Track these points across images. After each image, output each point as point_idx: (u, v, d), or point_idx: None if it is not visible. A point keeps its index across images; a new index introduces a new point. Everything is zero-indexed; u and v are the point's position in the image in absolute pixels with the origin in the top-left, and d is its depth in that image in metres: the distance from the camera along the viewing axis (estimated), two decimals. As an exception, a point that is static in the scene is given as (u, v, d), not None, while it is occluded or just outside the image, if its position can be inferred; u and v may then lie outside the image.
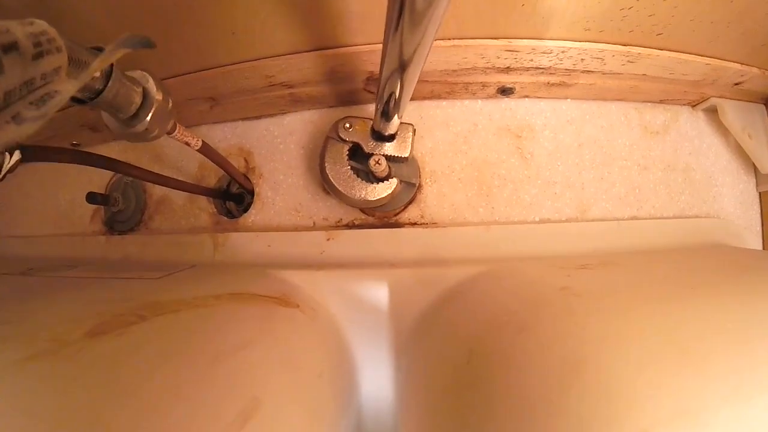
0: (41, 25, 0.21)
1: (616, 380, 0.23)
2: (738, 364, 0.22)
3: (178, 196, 0.58)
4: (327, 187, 0.45)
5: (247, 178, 0.54)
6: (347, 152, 0.45)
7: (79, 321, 0.28)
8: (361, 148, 0.44)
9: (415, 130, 0.44)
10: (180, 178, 0.47)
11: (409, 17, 0.22)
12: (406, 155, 0.44)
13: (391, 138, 0.44)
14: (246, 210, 0.55)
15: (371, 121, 0.43)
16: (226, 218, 0.56)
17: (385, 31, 0.25)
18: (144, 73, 0.32)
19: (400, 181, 0.45)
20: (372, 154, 0.44)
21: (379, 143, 0.44)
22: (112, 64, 0.28)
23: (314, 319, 0.39)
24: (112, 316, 0.28)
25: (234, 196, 0.58)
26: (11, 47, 0.18)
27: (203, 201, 0.57)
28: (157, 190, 0.60)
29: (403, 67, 0.28)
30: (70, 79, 0.23)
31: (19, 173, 0.42)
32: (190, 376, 0.24)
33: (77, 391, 0.22)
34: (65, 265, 0.54)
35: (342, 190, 0.44)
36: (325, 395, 0.34)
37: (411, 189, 0.48)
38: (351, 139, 0.44)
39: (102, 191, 0.63)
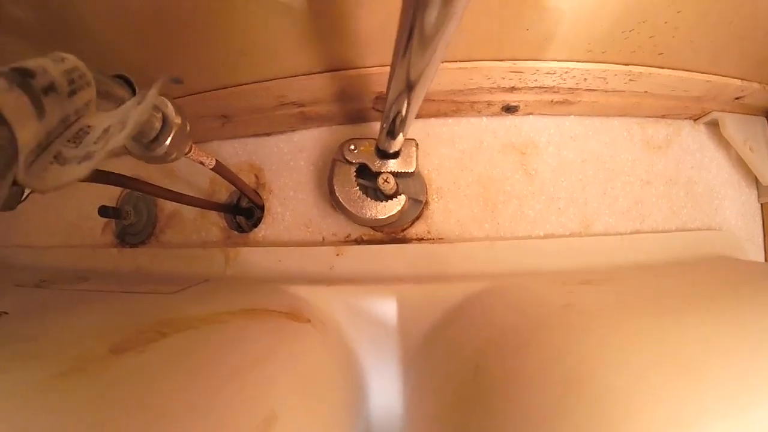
0: (72, 60, 0.22)
1: (613, 394, 0.24)
2: (733, 377, 0.23)
3: (189, 211, 0.60)
4: (337, 207, 0.47)
5: (258, 194, 0.55)
6: (354, 173, 0.46)
7: (101, 337, 0.29)
8: (368, 168, 0.46)
9: (417, 144, 0.46)
10: (191, 193, 0.49)
11: (418, 40, 0.23)
12: (412, 170, 0.46)
13: (395, 155, 0.45)
14: (256, 224, 0.56)
15: (375, 141, 0.45)
16: (236, 233, 0.57)
17: (393, 53, 0.26)
18: (163, 98, 0.33)
19: (408, 198, 0.46)
20: (380, 173, 0.45)
21: (384, 161, 0.45)
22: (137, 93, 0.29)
23: (325, 334, 0.40)
24: (134, 332, 0.29)
25: (244, 211, 0.60)
26: (50, 88, 0.19)
27: (214, 215, 0.58)
28: (169, 204, 0.61)
29: (410, 88, 0.29)
30: (99, 112, 0.24)
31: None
32: (213, 392, 0.25)
33: (105, 408, 0.23)
34: (77, 276, 0.55)
35: (353, 211, 0.45)
36: (337, 408, 0.35)
37: (418, 206, 0.49)
38: (357, 160, 0.46)
39: (113, 204, 0.65)
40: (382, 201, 0.46)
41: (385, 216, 0.45)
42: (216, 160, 0.43)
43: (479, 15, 0.37)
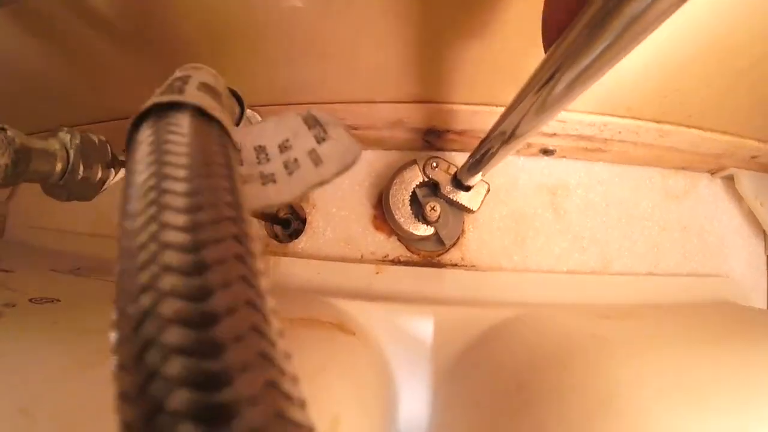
0: (221, 77, 0.24)
1: (639, 414, 0.28)
2: (738, 405, 0.29)
3: (230, 215, 0.62)
4: (385, 211, 0.51)
5: (302, 207, 0.58)
6: (417, 185, 0.51)
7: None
8: (438, 188, 0.50)
9: (489, 189, 0.50)
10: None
11: (539, 106, 0.26)
12: (475, 209, 0.50)
13: (467, 189, 0.49)
14: (292, 235, 0.59)
15: (455, 167, 0.49)
16: (275, 241, 0.60)
17: (509, 107, 0.30)
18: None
19: (435, 233, 0.51)
20: (442, 197, 0.50)
21: (455, 190, 0.49)
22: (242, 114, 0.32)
23: (367, 347, 0.44)
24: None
25: (282, 221, 0.63)
26: (225, 107, 0.22)
27: (254, 223, 0.61)
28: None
29: (511, 137, 0.32)
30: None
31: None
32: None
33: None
34: (111, 268, 0.58)
35: (391, 203, 0.51)
36: (382, 415, 0.39)
37: (440, 245, 0.53)
38: (433, 177, 0.50)
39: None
40: (418, 220, 0.51)
41: (407, 229, 0.51)
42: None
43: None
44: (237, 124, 0.32)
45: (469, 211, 0.50)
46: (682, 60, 0.39)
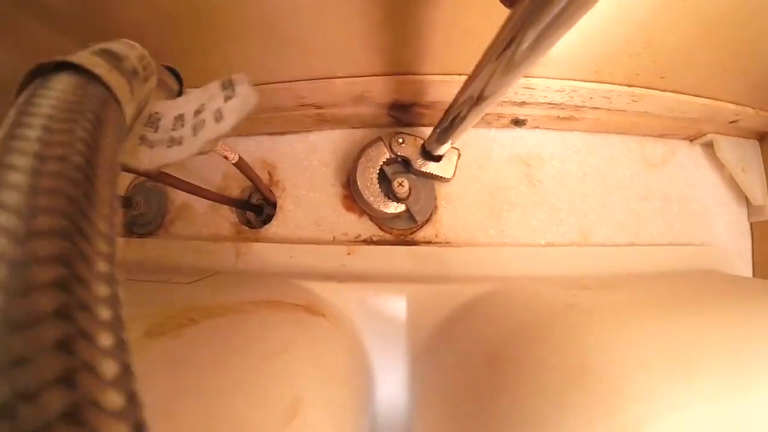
0: (140, 48, 0.23)
1: (615, 381, 0.27)
2: (719, 371, 0.27)
3: (200, 204, 0.61)
4: (354, 193, 0.50)
5: (271, 191, 0.57)
6: (383, 161, 0.50)
7: (132, 321, 0.31)
8: (410, 163, 0.49)
9: (460, 154, 0.48)
10: (204, 187, 0.50)
11: (505, 64, 0.26)
12: (449, 177, 0.48)
13: (438, 158, 0.48)
14: (265, 221, 0.58)
15: (421, 139, 0.48)
16: (246, 228, 0.58)
17: (476, 67, 0.29)
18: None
19: (406, 210, 0.50)
20: (414, 172, 0.49)
21: (426, 162, 0.48)
22: (181, 90, 0.31)
23: (338, 327, 0.42)
24: (165, 318, 0.30)
25: (254, 207, 0.61)
26: (134, 73, 0.21)
27: (225, 210, 0.60)
28: (180, 196, 0.62)
29: (479, 100, 0.31)
30: (160, 100, 0.26)
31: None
32: (244, 375, 0.27)
33: (145, 387, 0.24)
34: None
35: (359, 182, 0.49)
36: (350, 397, 0.38)
37: (411, 222, 0.52)
38: (402, 154, 0.49)
39: (122, 193, 0.66)
40: (389, 198, 0.49)
41: (377, 207, 0.49)
42: (239, 155, 0.45)
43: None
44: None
45: (444, 180, 0.49)
46: (649, 7, 0.37)
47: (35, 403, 0.09)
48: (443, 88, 0.46)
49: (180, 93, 0.32)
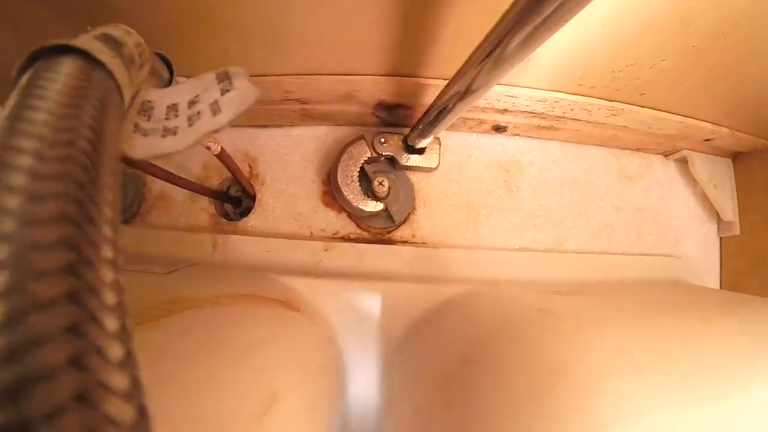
0: (136, 34, 0.23)
1: (584, 385, 0.28)
2: (685, 377, 0.29)
3: (178, 193, 0.60)
4: (332, 178, 0.51)
5: (251, 184, 0.56)
6: (364, 161, 0.50)
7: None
8: (395, 161, 0.49)
9: (441, 142, 0.50)
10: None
11: (495, 59, 0.26)
12: (435, 165, 0.50)
13: (421, 151, 0.49)
14: (243, 213, 0.57)
15: (402, 136, 0.49)
16: (224, 220, 0.58)
17: (465, 62, 0.29)
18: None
19: (385, 209, 0.50)
20: (399, 168, 0.50)
21: (408, 156, 0.49)
22: (172, 79, 0.30)
23: (313, 323, 0.42)
24: (140, 307, 0.30)
25: (233, 199, 0.61)
26: (131, 59, 0.21)
27: (203, 201, 0.59)
28: (157, 185, 0.62)
29: (466, 94, 0.32)
30: (152, 88, 0.25)
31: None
32: (220, 368, 0.27)
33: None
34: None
35: (339, 179, 0.50)
36: (325, 392, 0.38)
37: (389, 221, 0.52)
38: (386, 153, 0.49)
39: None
40: (368, 197, 0.50)
41: (356, 205, 0.50)
42: (221, 146, 0.44)
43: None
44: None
45: (430, 170, 0.50)
46: (633, 28, 0.38)
47: (48, 385, 0.09)
48: (430, 92, 0.46)
49: (170, 82, 0.31)
